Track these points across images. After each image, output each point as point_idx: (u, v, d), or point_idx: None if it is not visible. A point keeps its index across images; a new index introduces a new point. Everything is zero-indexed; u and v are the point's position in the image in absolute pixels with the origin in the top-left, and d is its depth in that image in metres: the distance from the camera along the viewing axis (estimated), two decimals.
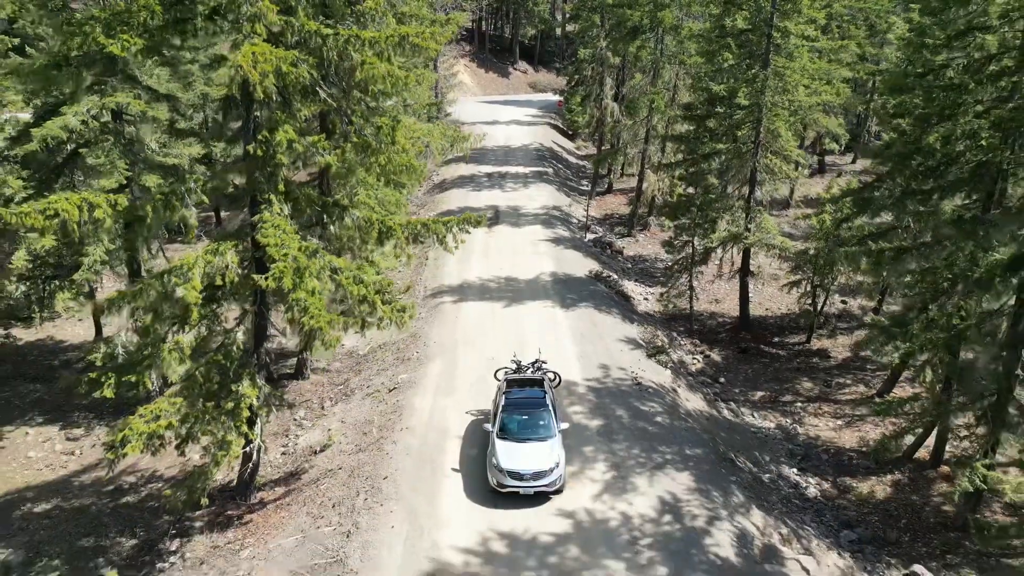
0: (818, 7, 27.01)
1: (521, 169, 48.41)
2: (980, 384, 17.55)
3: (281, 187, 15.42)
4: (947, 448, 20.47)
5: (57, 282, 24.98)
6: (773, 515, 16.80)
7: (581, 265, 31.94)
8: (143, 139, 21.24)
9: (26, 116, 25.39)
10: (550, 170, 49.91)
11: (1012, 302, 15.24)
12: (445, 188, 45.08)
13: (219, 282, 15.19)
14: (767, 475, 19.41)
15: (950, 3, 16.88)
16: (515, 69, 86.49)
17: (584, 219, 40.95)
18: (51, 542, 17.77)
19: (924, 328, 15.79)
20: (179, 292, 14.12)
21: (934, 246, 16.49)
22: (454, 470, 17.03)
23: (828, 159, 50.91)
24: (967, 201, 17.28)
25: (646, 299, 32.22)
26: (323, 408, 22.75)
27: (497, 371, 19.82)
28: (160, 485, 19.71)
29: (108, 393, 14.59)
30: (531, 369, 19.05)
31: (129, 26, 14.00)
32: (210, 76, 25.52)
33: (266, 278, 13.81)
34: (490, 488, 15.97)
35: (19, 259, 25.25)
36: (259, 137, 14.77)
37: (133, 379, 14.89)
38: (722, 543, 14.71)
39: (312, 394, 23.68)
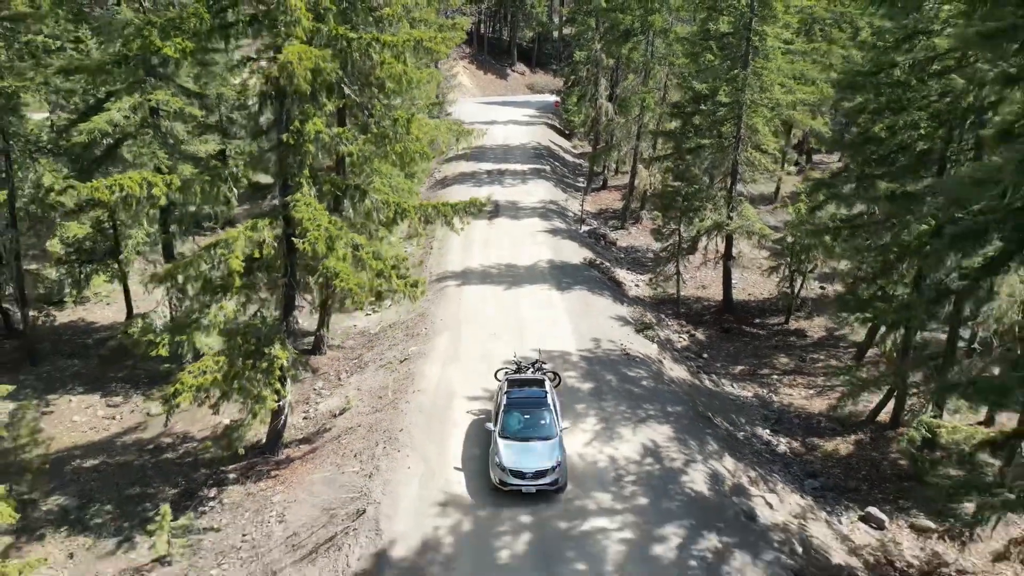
0: (792, 13, 29.16)
1: (519, 167, 50.48)
2: (929, 350, 19.78)
3: (308, 172, 17.58)
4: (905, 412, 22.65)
5: (92, 266, 27.18)
6: (744, 463, 18.99)
7: (576, 253, 34.09)
8: (176, 134, 23.35)
9: (38, 116, 27.45)
10: (547, 168, 52.02)
11: (957, 276, 17.35)
12: (447, 184, 47.16)
13: (256, 255, 17.30)
14: (741, 433, 21.60)
15: (905, 9, 19.09)
16: (513, 71, 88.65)
17: (579, 213, 43.12)
18: (101, 491, 19.89)
19: (873, 298, 17.95)
20: (225, 261, 16.25)
21: (884, 223, 18.67)
22: (461, 424, 19.17)
23: (816, 158, 53.15)
24: (918, 186, 19.49)
25: (637, 285, 34.37)
26: (340, 379, 24.87)
27: (497, 371, 20.04)
28: (195, 444, 21.85)
29: (163, 351, 16.77)
30: (531, 369, 19.21)
31: (181, 31, 16.16)
32: (226, 77, 27.65)
33: (302, 243, 15.92)
34: (492, 486, 16.22)
35: (54, 246, 27.46)
36: (291, 128, 16.92)
37: (183, 339, 17.06)
38: (696, 480, 16.88)
39: (329, 367, 25.80)
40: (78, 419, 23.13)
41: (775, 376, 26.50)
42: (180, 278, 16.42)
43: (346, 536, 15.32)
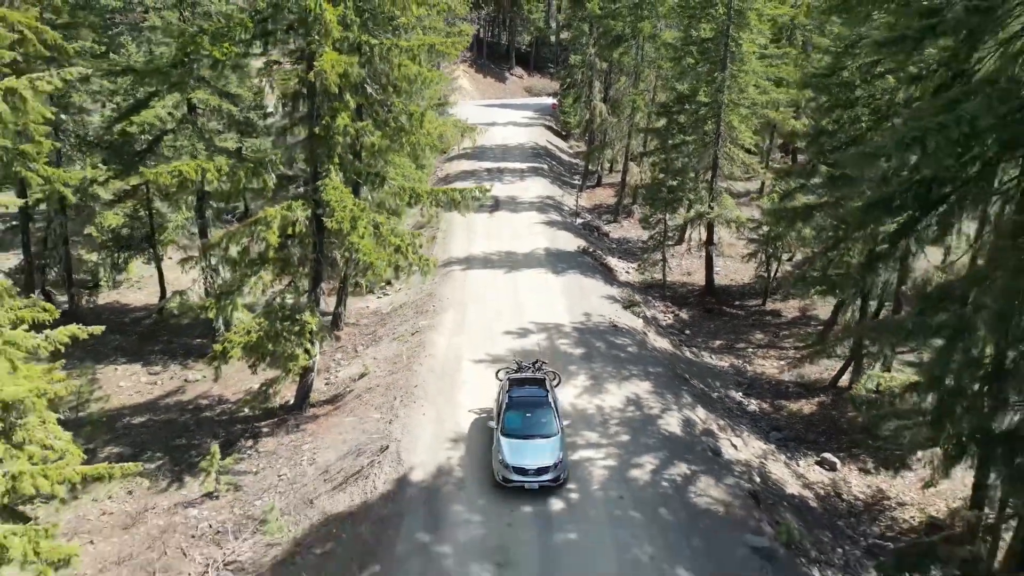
0: (765, 22, 31.94)
1: (518, 165, 53.22)
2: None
3: (336, 160, 20.30)
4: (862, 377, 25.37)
5: (129, 252, 29.92)
6: (715, 414, 21.72)
7: (571, 242, 36.83)
8: (211, 129, 26.08)
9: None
10: (545, 166, 54.79)
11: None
12: (449, 181, 49.83)
13: (290, 232, 20.00)
14: (715, 394, 24.32)
15: (854, 21, 21.87)
16: (511, 74, 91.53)
17: (575, 208, 45.90)
18: (150, 443, 22.56)
19: (826, 272, 20.69)
20: (264, 236, 18.96)
21: (835, 205, 21.39)
22: (468, 381, 21.86)
23: (802, 158, 55.88)
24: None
25: (627, 272, 37.10)
26: (356, 351, 27.58)
27: (498, 371, 20.42)
28: (230, 405, 24.51)
29: (211, 315, 19.51)
30: (532, 369, 19.56)
31: (228, 37, 18.90)
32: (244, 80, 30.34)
33: (331, 221, 18.64)
34: (493, 484, 16.60)
35: (93, 233, 30.15)
36: (323, 122, 19.67)
37: (228, 304, 19.78)
38: (671, 424, 19.60)
39: (347, 342, 28.50)
40: (124, 384, 25.82)
41: (750, 349, 29.24)
42: (228, 246, 19.06)
43: (372, 467, 18.02)
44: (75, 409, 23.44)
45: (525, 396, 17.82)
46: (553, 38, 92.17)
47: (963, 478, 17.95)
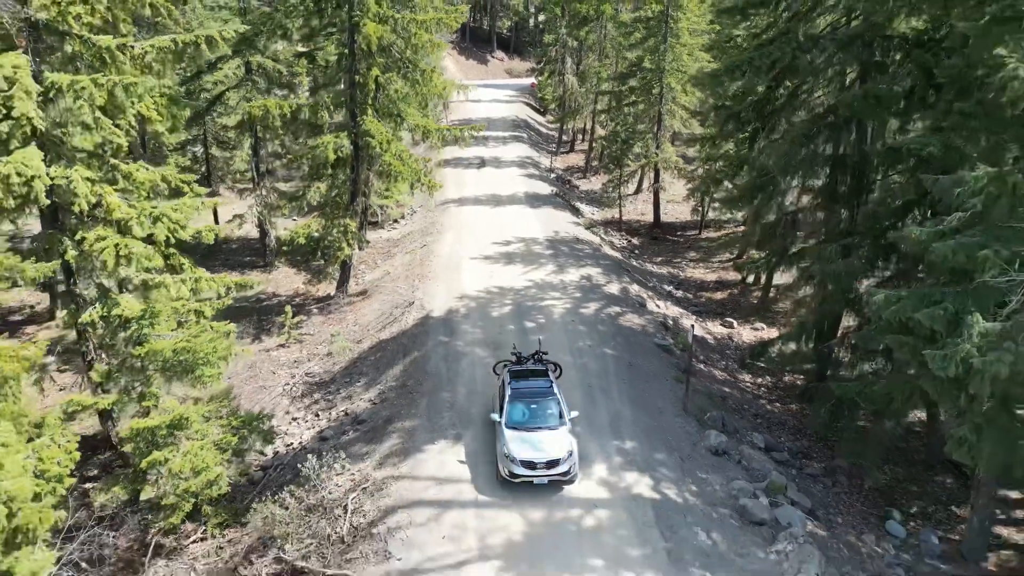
0: (698, 10, 40.01)
1: (501, 133, 60.86)
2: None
3: (371, 102, 27.91)
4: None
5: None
6: (647, 291, 29.76)
7: (545, 189, 44.66)
8: (263, 87, 33.49)
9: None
10: (524, 135, 62.50)
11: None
12: (435, 148, 57.48)
13: (337, 155, 27.58)
14: (650, 283, 32.38)
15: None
16: (493, 57, 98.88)
17: (550, 167, 53.73)
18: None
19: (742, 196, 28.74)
20: (324, 153, 26.54)
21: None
22: (466, 269, 29.68)
23: None
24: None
25: (592, 213, 45.04)
26: (377, 264, 35.27)
27: (496, 364, 19.95)
28: (283, 298, 32.12)
29: (285, 211, 27.10)
30: (532, 360, 18.91)
31: (290, 16, 26.42)
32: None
33: (373, 142, 26.29)
34: (500, 479, 16.02)
35: None
36: (362, 74, 27.26)
37: (296, 204, 27.44)
38: (612, 289, 27.61)
39: (368, 257, 36.15)
40: None
41: (684, 262, 37.37)
42: (304, 160, 26.67)
43: (403, 314, 25.87)
44: None
45: (529, 388, 17.27)
46: (532, 21, 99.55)
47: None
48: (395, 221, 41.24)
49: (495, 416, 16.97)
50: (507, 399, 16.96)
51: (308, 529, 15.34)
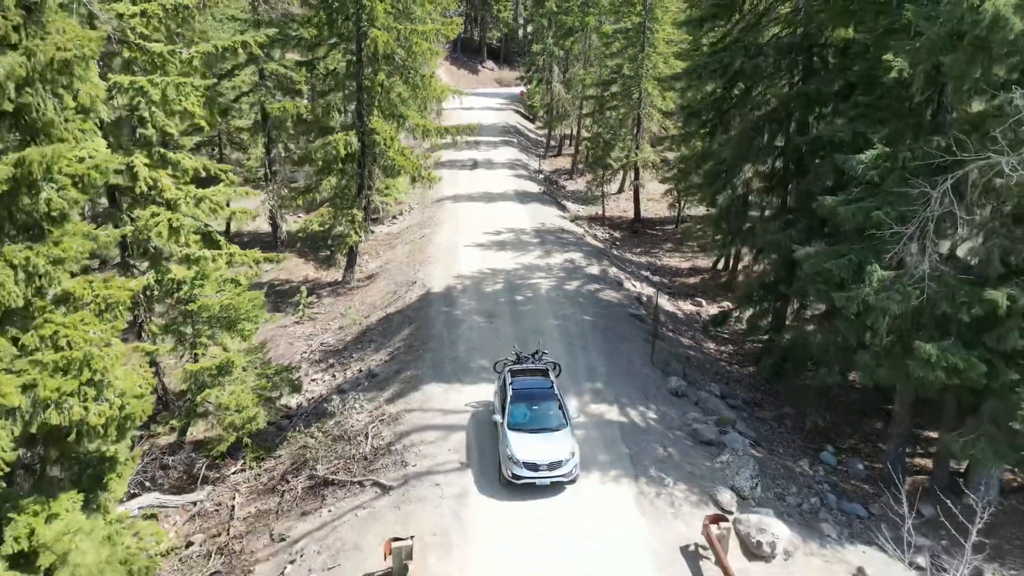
0: (673, 24, 43.58)
1: (492, 138, 64.19)
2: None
3: (377, 103, 31.17)
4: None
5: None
6: (624, 273, 33.05)
7: (534, 188, 48.03)
8: (273, 91, 36.73)
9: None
10: (514, 140, 65.93)
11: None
12: (435, 148, 60.81)
13: (347, 151, 30.79)
14: (629, 268, 35.71)
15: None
16: (483, 67, 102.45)
17: (538, 169, 57.11)
18: None
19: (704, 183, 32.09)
20: (335, 149, 29.73)
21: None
22: (463, 255, 32.87)
23: None
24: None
25: (578, 211, 48.40)
26: (379, 254, 38.46)
27: (496, 363, 19.81)
28: (295, 283, 35.22)
29: (299, 201, 30.29)
30: (531, 360, 18.93)
31: (311, 23, 29.70)
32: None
33: (378, 139, 29.53)
34: (503, 481, 16.02)
35: None
36: (369, 78, 30.52)
37: (308, 196, 30.62)
38: (593, 270, 30.92)
39: (371, 248, 39.34)
40: None
41: (660, 252, 40.75)
42: (315, 156, 29.87)
43: (406, 292, 29.07)
44: None
45: (530, 388, 17.30)
46: (520, 32, 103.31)
47: None
48: (394, 217, 44.48)
49: (497, 417, 16.92)
50: (509, 400, 16.86)
51: (335, 453, 18.47)
